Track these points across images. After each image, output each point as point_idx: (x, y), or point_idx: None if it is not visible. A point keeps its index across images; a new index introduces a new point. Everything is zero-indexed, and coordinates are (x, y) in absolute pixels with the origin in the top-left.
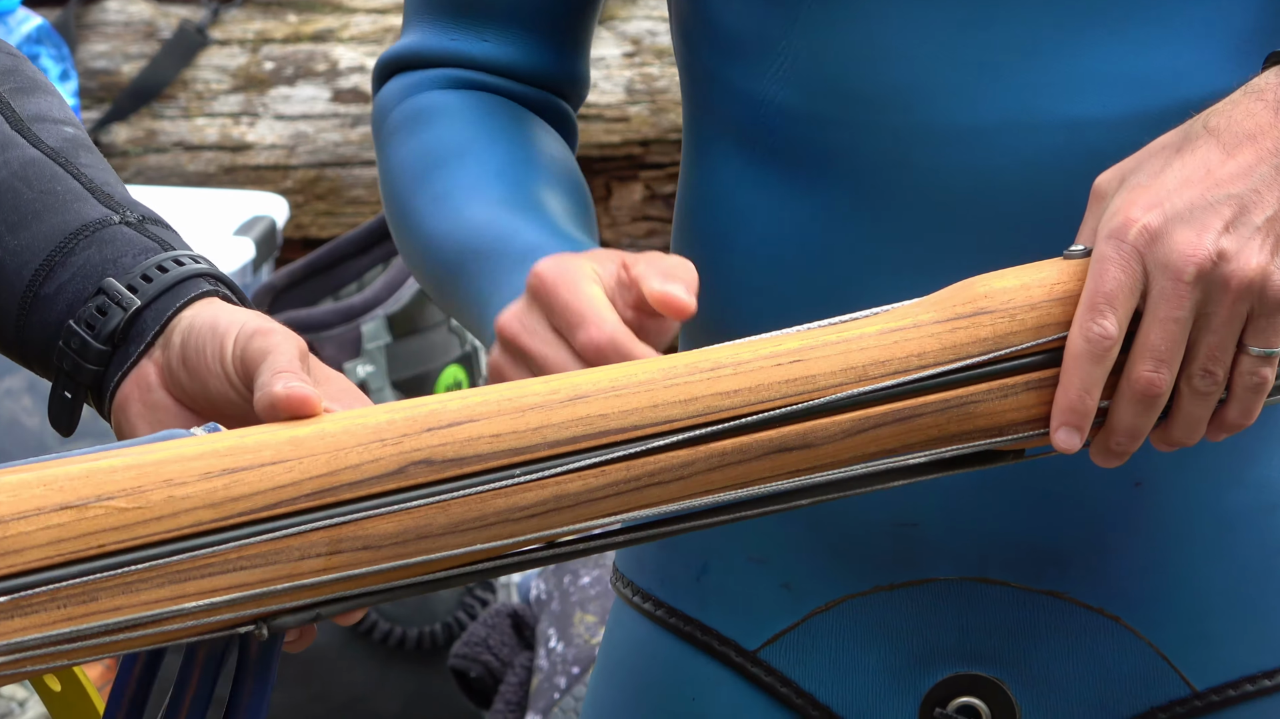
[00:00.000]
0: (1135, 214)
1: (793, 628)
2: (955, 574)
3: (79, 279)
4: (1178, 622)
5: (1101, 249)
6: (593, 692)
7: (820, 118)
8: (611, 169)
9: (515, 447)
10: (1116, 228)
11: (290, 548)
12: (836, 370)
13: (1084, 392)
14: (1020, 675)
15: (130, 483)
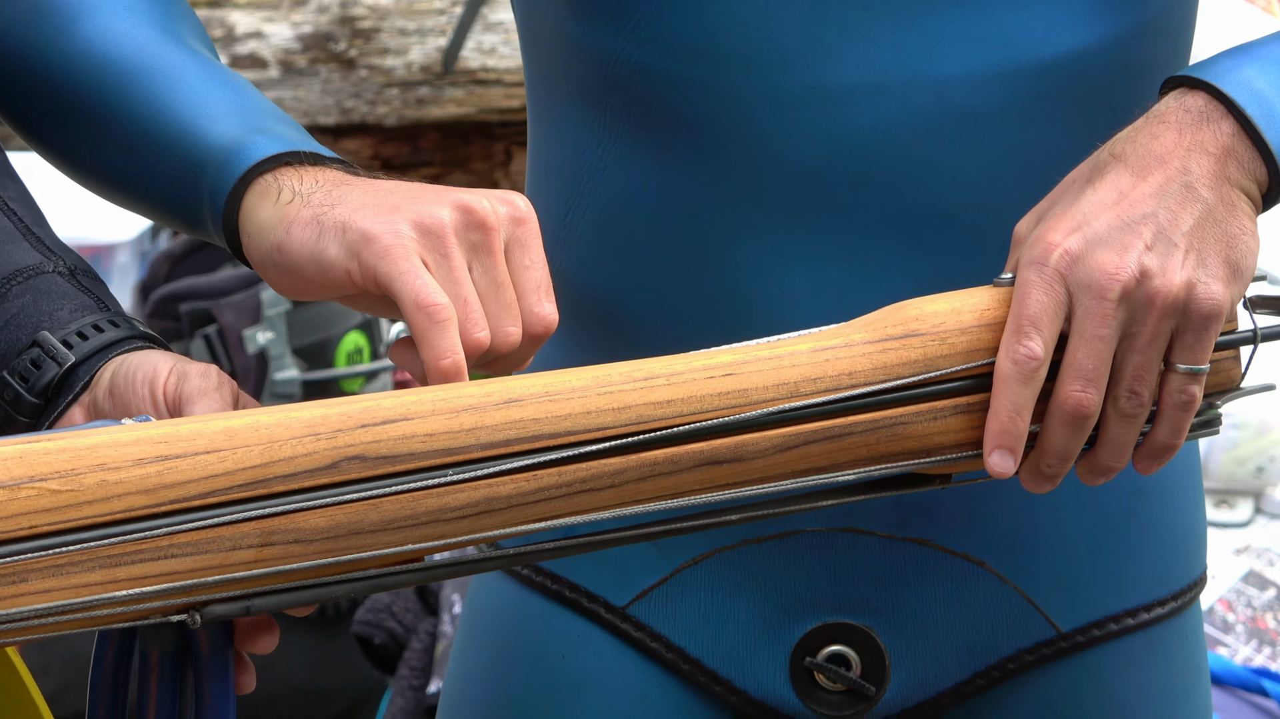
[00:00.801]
0: (1056, 239)
1: (661, 583)
2: (823, 525)
3: (12, 328)
4: (1042, 565)
5: (1024, 275)
6: (458, 656)
7: (677, 78)
8: (511, 134)
9: (449, 447)
10: (1038, 254)
11: (221, 538)
12: (769, 385)
13: (1014, 413)
14: (889, 622)
15: (64, 465)
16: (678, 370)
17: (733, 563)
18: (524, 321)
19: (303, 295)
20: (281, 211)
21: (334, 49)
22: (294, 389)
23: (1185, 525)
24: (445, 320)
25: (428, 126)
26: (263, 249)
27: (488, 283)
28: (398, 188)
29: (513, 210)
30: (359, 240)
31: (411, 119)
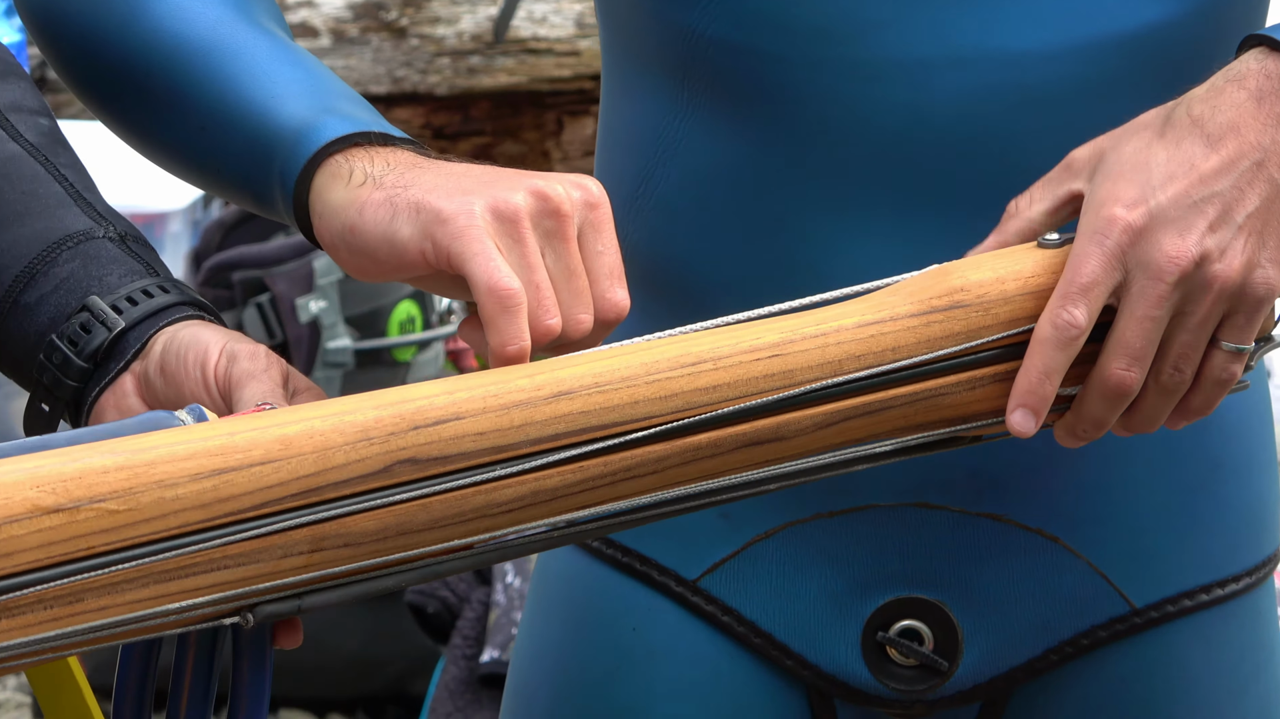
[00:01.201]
0: (1119, 212)
1: (732, 556)
2: (894, 500)
3: (62, 292)
4: (1117, 540)
5: (1083, 244)
6: (527, 627)
7: (755, 51)
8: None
9: (498, 444)
10: (1100, 225)
11: (273, 546)
12: (814, 365)
13: (1044, 376)
14: (962, 597)
15: (122, 484)
16: (724, 354)
17: (804, 537)
18: (596, 308)
19: (375, 277)
20: (353, 193)
21: (385, 18)
22: (346, 358)
23: (1259, 501)
24: (516, 306)
25: (479, 96)
26: (334, 230)
27: (560, 269)
28: (470, 170)
29: (586, 195)
30: (433, 221)
31: (462, 88)
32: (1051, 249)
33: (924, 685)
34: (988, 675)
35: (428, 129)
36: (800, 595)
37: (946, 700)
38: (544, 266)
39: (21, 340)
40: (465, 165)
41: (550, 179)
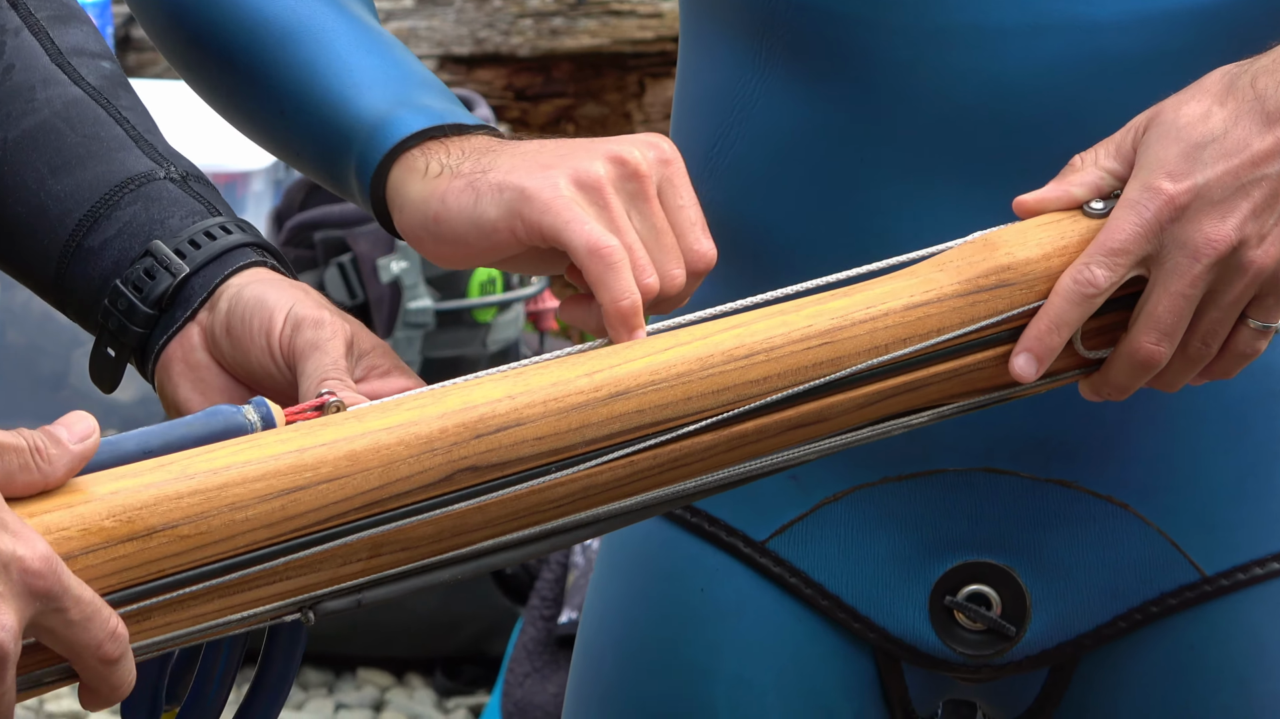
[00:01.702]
0: (1164, 184)
1: (801, 518)
2: (963, 465)
3: (125, 236)
4: (1187, 508)
5: (1122, 211)
6: (597, 586)
7: (832, 13)
8: (645, 65)
9: (555, 447)
10: (1144, 196)
11: (334, 556)
12: (862, 350)
13: (1054, 327)
14: (1030, 563)
15: (195, 510)
16: (777, 344)
17: (873, 500)
18: (685, 260)
19: (463, 263)
20: (431, 185)
21: None
22: (427, 318)
23: None
24: (620, 261)
25: (561, 57)
26: (416, 222)
27: (647, 229)
28: (544, 146)
29: (659, 153)
30: (518, 199)
31: (545, 49)
32: (1097, 219)
33: (991, 650)
34: (1055, 641)
35: (509, 90)
36: (868, 558)
37: (1013, 666)
38: (633, 228)
39: (86, 285)
40: (539, 142)
41: (624, 142)
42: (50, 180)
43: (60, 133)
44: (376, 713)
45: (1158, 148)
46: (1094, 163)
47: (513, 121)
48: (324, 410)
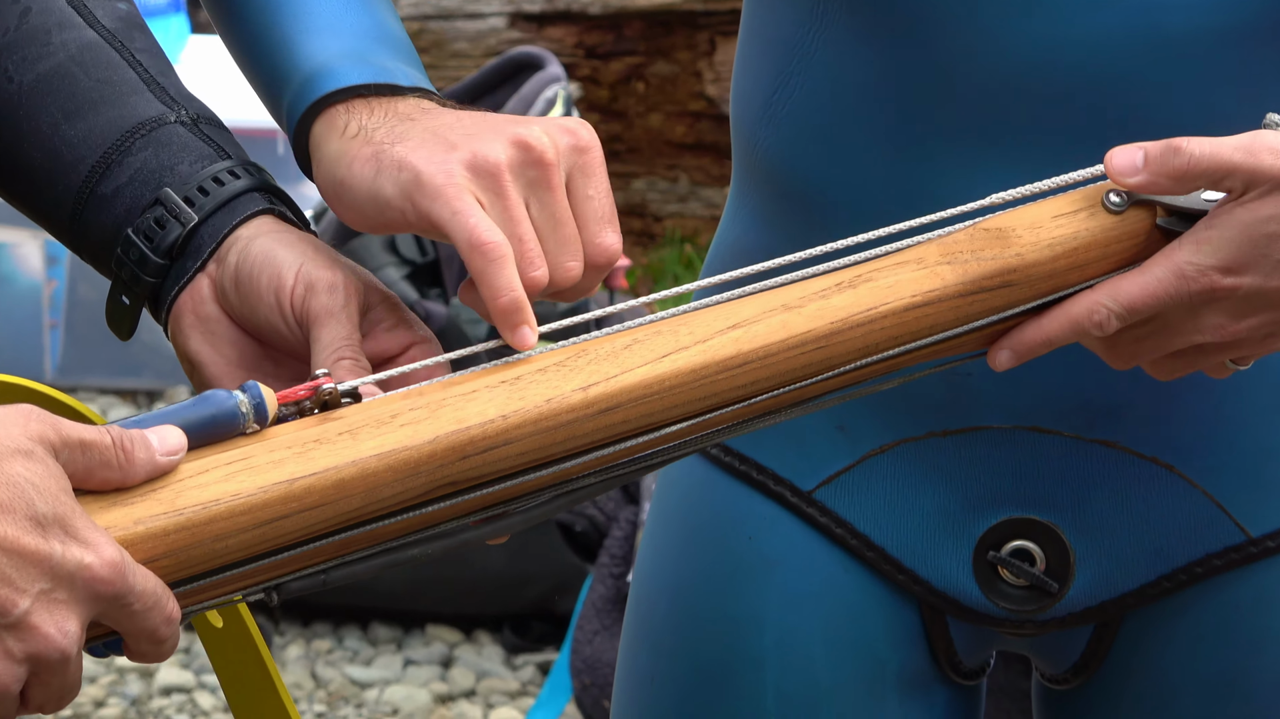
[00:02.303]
0: (1216, 277)
1: (848, 469)
2: (1008, 423)
3: (136, 184)
4: (1234, 470)
5: (1165, 274)
6: (649, 534)
7: None
8: (715, 23)
9: (536, 459)
10: (1195, 273)
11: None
12: (855, 352)
13: (1046, 342)
14: (1075, 521)
15: (180, 544)
16: (773, 353)
17: (917, 454)
18: (586, 253)
19: (368, 230)
20: (344, 146)
21: None
22: None
23: None
24: (501, 258)
25: (632, 15)
26: (325, 182)
27: (545, 218)
28: (460, 122)
29: (574, 140)
30: (412, 182)
31: (616, 7)
32: (1115, 214)
33: (1033, 606)
34: (1098, 599)
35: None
36: (913, 511)
37: (1056, 622)
38: (528, 219)
39: (100, 232)
40: (458, 115)
41: (537, 127)
42: (64, 125)
43: (74, 77)
44: (445, 669)
45: (1232, 233)
46: (1191, 174)
47: (583, 79)
48: (317, 394)
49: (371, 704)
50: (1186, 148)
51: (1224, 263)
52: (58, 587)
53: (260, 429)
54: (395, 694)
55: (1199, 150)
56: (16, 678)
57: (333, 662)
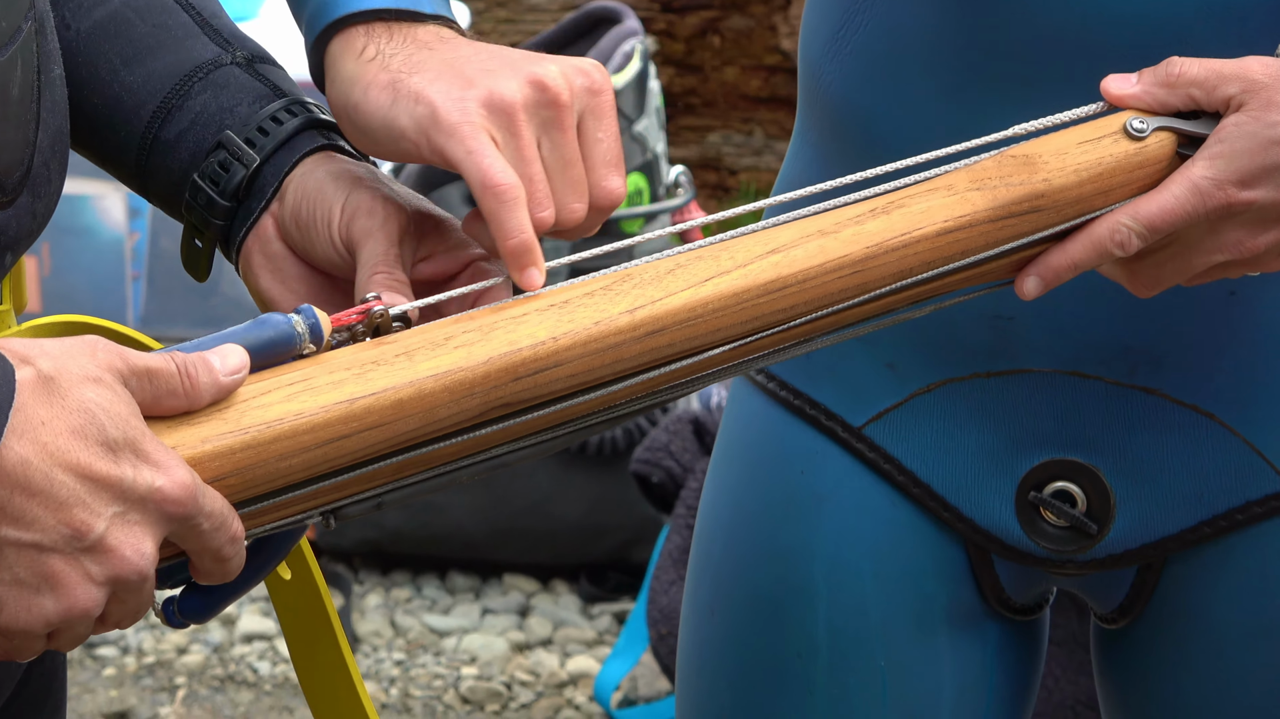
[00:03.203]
0: (1233, 190)
1: (896, 406)
2: (1050, 367)
3: (198, 128)
4: (1273, 419)
5: (1183, 192)
6: (713, 468)
7: None
8: None
9: (585, 381)
10: (1211, 188)
11: (362, 479)
12: (889, 277)
13: (1072, 266)
14: (1116, 464)
15: (245, 463)
16: (811, 276)
17: (963, 394)
18: (590, 195)
19: (378, 155)
20: (361, 69)
21: None
22: None
23: None
24: (514, 200)
25: None
26: (339, 102)
27: (556, 159)
28: (476, 55)
29: (588, 81)
30: (427, 117)
31: None
32: (1137, 140)
33: (1073, 546)
34: (1139, 542)
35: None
36: (958, 449)
37: (1096, 563)
38: (539, 158)
39: (167, 178)
40: (475, 47)
41: (552, 66)
42: (123, 71)
43: (130, 22)
44: (522, 618)
45: (1243, 145)
46: (1182, 80)
47: (659, 34)
48: (369, 318)
49: (449, 652)
50: (1178, 60)
51: (1239, 175)
52: (131, 509)
53: (316, 350)
54: (473, 643)
55: (1189, 62)
56: (97, 601)
57: (411, 610)
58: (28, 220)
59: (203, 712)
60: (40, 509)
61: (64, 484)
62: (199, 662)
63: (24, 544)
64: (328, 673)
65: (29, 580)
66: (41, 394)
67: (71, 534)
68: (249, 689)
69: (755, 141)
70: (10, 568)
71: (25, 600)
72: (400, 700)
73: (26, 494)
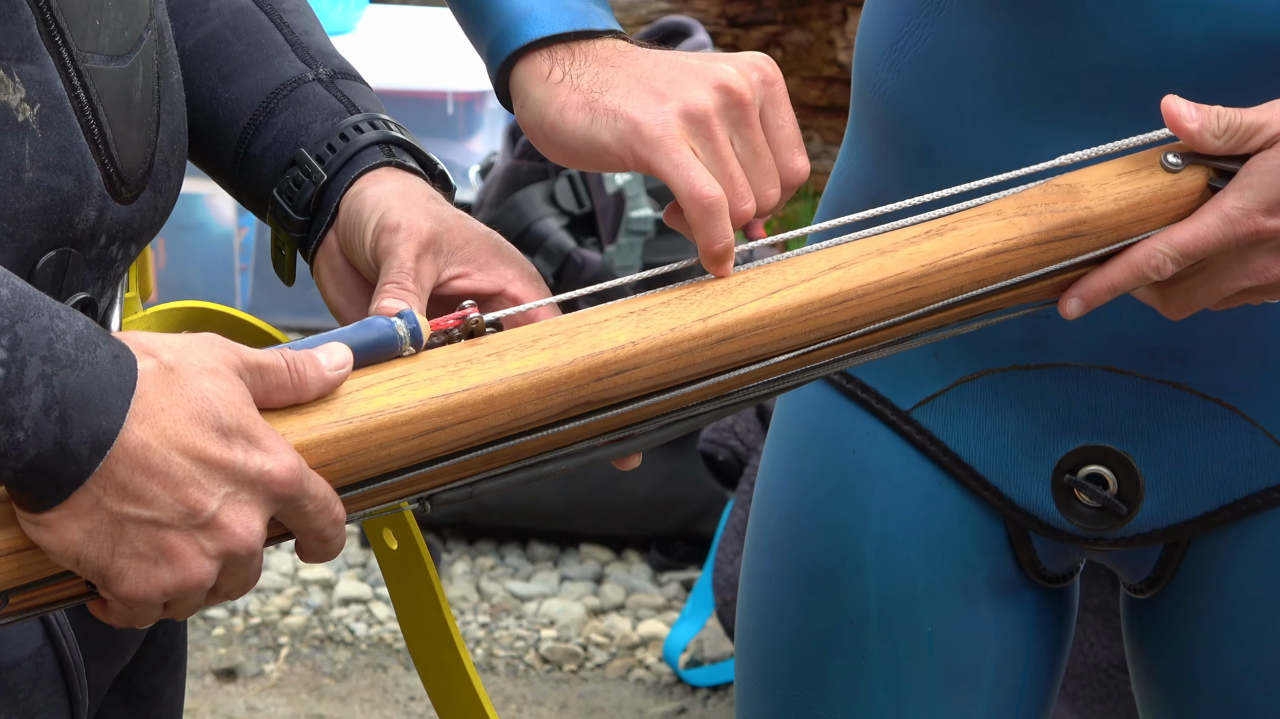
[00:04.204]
0: (1261, 219)
1: (942, 393)
2: (1084, 361)
3: (278, 145)
4: None
5: (1214, 220)
6: (769, 449)
7: None
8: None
9: (660, 383)
10: (1240, 217)
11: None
12: (942, 293)
13: (1111, 288)
14: (1145, 452)
15: (348, 450)
16: (870, 291)
17: (1004, 383)
18: (781, 176)
19: (578, 167)
20: (551, 92)
21: None
22: (647, 226)
23: None
24: (720, 211)
25: None
26: (533, 122)
27: (748, 153)
28: (658, 67)
29: (763, 74)
30: (630, 132)
31: None
32: (1172, 174)
33: (1104, 526)
34: (1165, 523)
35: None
36: (998, 434)
37: (1125, 541)
38: (735, 157)
39: (255, 191)
40: (653, 58)
41: (730, 67)
42: (220, 88)
43: (228, 41)
44: (597, 585)
45: (1270, 178)
46: (1220, 130)
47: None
48: (465, 324)
49: (530, 616)
50: (1223, 109)
51: (1266, 204)
52: (241, 489)
53: (415, 353)
54: (552, 607)
55: (1232, 111)
56: (210, 573)
57: (495, 577)
58: (150, 214)
59: (304, 668)
60: (158, 488)
61: (180, 465)
62: (300, 623)
63: (144, 520)
64: (431, 634)
65: (148, 554)
66: (162, 383)
67: (187, 511)
68: (346, 648)
69: (813, 147)
70: (131, 542)
71: (144, 572)
72: (485, 660)
73: (146, 474)
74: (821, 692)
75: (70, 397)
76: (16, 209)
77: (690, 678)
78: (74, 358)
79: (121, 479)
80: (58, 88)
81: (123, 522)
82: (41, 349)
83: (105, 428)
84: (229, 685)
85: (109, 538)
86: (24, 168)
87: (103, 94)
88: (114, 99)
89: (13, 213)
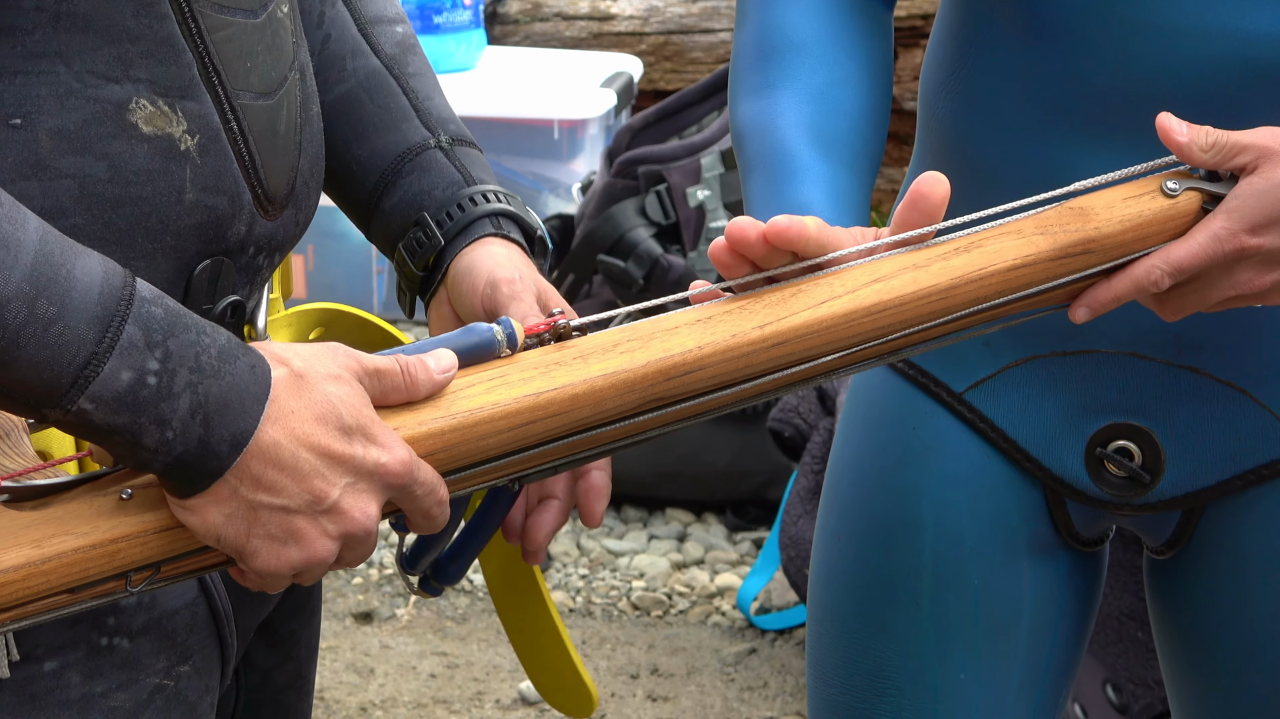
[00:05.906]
0: (1245, 237)
1: (991, 377)
2: (1113, 348)
3: (404, 205)
4: None
5: (1203, 240)
6: (842, 423)
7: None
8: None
9: (723, 382)
10: (1226, 236)
11: (542, 455)
12: (968, 302)
13: (1115, 299)
14: (1166, 428)
15: (452, 442)
16: (906, 301)
17: (1044, 368)
18: None
19: None
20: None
21: None
22: None
23: None
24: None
25: None
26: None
27: None
28: None
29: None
30: None
31: None
32: (1171, 199)
33: (1131, 493)
34: (1183, 491)
35: None
36: (1039, 413)
37: (1149, 507)
38: None
39: (384, 240)
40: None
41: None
42: (354, 145)
43: (361, 102)
44: (680, 543)
45: (1254, 201)
46: (1208, 146)
47: None
48: (555, 328)
49: (623, 569)
50: (1212, 129)
51: (1249, 225)
52: (360, 479)
53: (511, 354)
54: (641, 562)
55: (1220, 130)
56: (332, 551)
57: (593, 536)
58: (291, 228)
59: (430, 613)
60: (287, 480)
61: (307, 460)
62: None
63: (274, 507)
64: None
65: (279, 535)
66: (293, 388)
67: (312, 499)
68: (466, 595)
69: None
70: (264, 525)
71: (275, 551)
72: (584, 607)
73: (277, 468)
74: (882, 635)
75: (212, 402)
76: (179, 225)
77: (760, 622)
78: (216, 368)
79: (255, 472)
80: (214, 121)
81: (256, 508)
82: (189, 361)
83: (242, 429)
84: (366, 627)
85: (245, 521)
86: (185, 190)
87: (253, 126)
88: (262, 130)
89: (175, 228)
